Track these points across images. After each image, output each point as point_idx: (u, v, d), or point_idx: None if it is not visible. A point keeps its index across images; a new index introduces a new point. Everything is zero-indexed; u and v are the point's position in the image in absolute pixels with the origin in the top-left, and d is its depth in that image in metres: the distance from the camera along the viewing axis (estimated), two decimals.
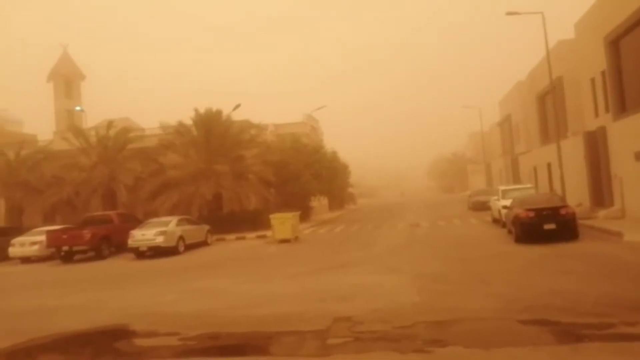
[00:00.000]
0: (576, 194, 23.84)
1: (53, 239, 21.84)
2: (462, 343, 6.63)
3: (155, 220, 22.75)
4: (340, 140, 69.73)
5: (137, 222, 23.30)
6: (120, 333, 8.73)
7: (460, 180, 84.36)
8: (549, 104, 32.22)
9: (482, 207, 31.19)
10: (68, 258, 21.63)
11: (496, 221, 22.74)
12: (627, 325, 6.79)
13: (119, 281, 14.93)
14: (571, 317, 7.33)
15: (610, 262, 11.58)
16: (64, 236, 21.74)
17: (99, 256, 21.59)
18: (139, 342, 8.21)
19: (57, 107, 48.22)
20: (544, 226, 15.35)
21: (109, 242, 22.21)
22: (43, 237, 22.39)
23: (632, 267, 10.72)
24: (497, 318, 7.71)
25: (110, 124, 30.48)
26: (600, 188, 22.24)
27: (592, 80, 25.53)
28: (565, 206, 16.08)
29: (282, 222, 22.56)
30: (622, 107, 21.79)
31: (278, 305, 9.68)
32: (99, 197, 28.99)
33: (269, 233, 23.84)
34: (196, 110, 29.42)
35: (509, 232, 17.66)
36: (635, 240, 14.04)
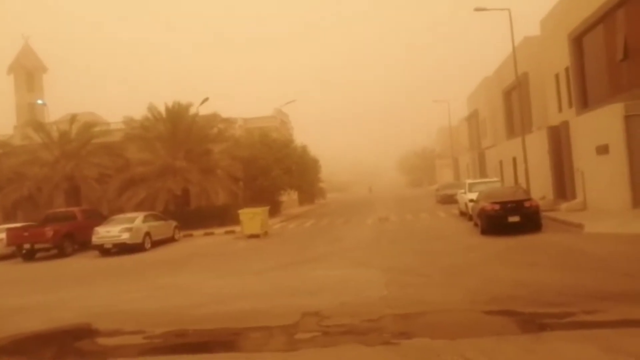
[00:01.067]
0: (540, 187, 24.41)
1: (14, 237, 21.16)
2: (429, 334, 6.71)
3: (120, 216, 22.28)
4: (311, 135, 69.54)
5: (102, 219, 22.77)
6: (84, 332, 8.54)
7: (429, 175, 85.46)
8: (514, 99, 32.88)
9: (449, 200, 31.64)
10: (29, 256, 20.99)
11: (463, 214, 23.09)
12: (587, 313, 6.99)
13: (82, 279, 14.57)
14: (534, 307, 7.48)
15: (572, 253, 11.87)
16: (25, 234, 21.09)
17: (62, 254, 21.02)
18: (103, 341, 8.05)
19: (18, 101, 46.60)
20: (509, 219, 15.67)
21: (72, 240, 21.64)
22: (3, 235, 21.67)
23: (592, 257, 11.01)
24: (463, 309, 7.83)
25: (73, 118, 29.66)
26: (563, 181, 22.81)
27: (557, 76, 26.16)
28: (529, 199, 16.43)
29: (251, 217, 22.40)
30: (584, 102, 22.39)
31: (246, 301, 9.59)
32: (62, 193, 28.23)
33: (237, 228, 23.65)
34: (164, 104, 28.91)
35: (475, 224, 17.95)
36: (595, 231, 14.45)
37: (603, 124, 18.78)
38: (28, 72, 47.20)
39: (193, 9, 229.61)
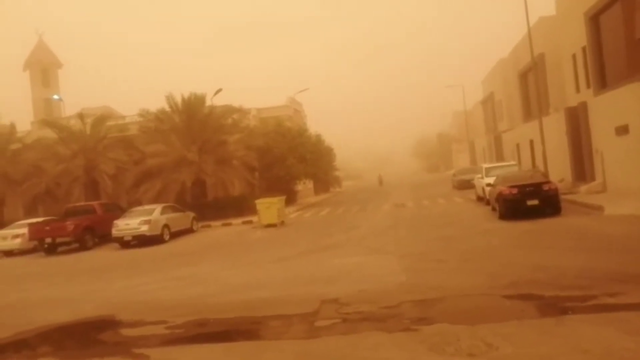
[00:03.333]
0: (558, 170, 24.10)
1: (35, 232, 21.55)
2: (448, 320, 6.70)
3: (138, 208, 22.55)
4: (324, 123, 69.41)
5: (120, 212, 23.08)
6: (107, 323, 8.68)
7: (445, 160, 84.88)
8: (531, 81, 32.39)
9: (466, 185, 31.41)
10: (51, 250, 21.38)
11: (480, 199, 22.92)
12: (608, 296, 6.91)
13: (103, 272, 14.80)
14: (554, 291, 7.42)
15: (592, 235, 11.74)
16: (47, 228, 21.46)
17: (83, 247, 21.38)
18: (126, 331, 8.17)
19: (34, 96, 47.26)
20: (527, 202, 15.51)
21: (92, 233, 21.98)
22: (25, 230, 22.08)
23: (613, 240, 10.87)
24: (482, 294, 7.80)
25: (88, 113, 29.95)
26: (582, 163, 22.48)
27: (573, 56, 25.65)
28: (547, 182, 16.23)
29: (268, 207, 22.51)
30: (602, 82, 21.94)
31: (265, 290, 9.67)
32: (81, 187, 28.61)
33: (254, 218, 23.79)
34: (180, 96, 29.04)
35: (493, 209, 17.82)
36: (615, 213, 14.25)
37: (622, 104, 18.42)
38: (43, 68, 47.76)
39: (200, 2, 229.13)
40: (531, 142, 29.49)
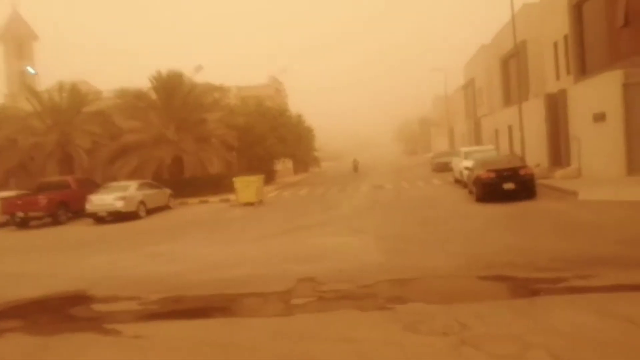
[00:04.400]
0: (535, 155, 24.41)
1: (7, 206, 21.09)
2: (424, 299, 6.75)
3: (114, 184, 22.18)
4: (305, 103, 68.93)
5: (95, 187, 22.66)
6: (79, 299, 8.55)
7: (424, 143, 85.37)
8: (512, 67, 32.59)
9: (444, 168, 31.66)
10: (23, 225, 20.96)
11: (458, 182, 23.12)
12: (580, 278, 7.03)
13: (77, 247, 14.57)
14: (529, 273, 7.52)
15: (565, 220, 11.93)
16: (19, 202, 21.00)
17: (56, 222, 20.99)
18: (99, 307, 8.06)
19: (7, 69, 45.91)
20: (504, 186, 15.70)
21: (66, 208, 21.57)
22: None
23: (585, 224, 11.06)
24: (458, 275, 7.87)
25: (62, 86, 29.16)
26: (559, 149, 22.80)
27: (555, 44, 25.85)
28: (524, 167, 16.43)
29: (246, 186, 22.36)
30: (582, 69, 22.18)
31: (242, 268, 9.61)
32: (55, 161, 27.98)
33: (232, 197, 23.62)
34: (157, 72, 28.46)
35: (470, 192, 17.98)
36: (588, 199, 14.50)
37: (601, 92, 18.65)
38: (18, 40, 46.31)
39: None
40: (510, 127, 29.77)
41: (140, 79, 28.60)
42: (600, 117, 18.64)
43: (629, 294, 6.22)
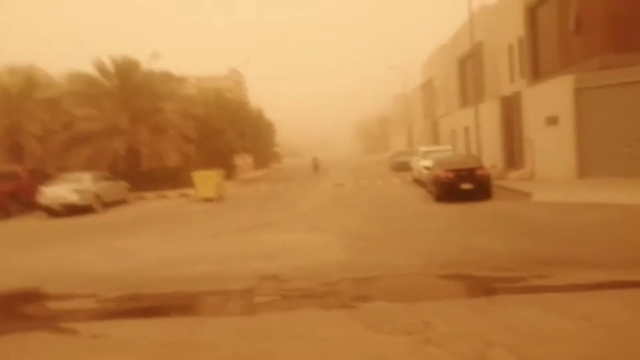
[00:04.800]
0: (491, 156, 25.06)
1: None
2: (386, 298, 6.82)
3: (68, 176, 21.42)
4: (265, 96, 68.45)
5: (47, 178, 21.84)
6: (32, 296, 8.24)
7: (383, 142, 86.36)
8: (469, 68, 33.34)
9: (403, 167, 32.11)
10: None
11: (417, 181, 23.50)
12: (537, 278, 7.27)
13: (28, 241, 14.02)
14: (487, 272, 7.73)
15: (521, 220, 12.30)
16: None
17: (6, 215, 20.12)
18: (53, 304, 7.79)
19: None
20: (462, 186, 16.08)
21: (16, 200, 20.70)
22: None
23: (540, 225, 11.44)
24: (418, 273, 8.00)
25: (13, 69, 27.91)
26: (513, 151, 23.48)
27: (510, 46, 26.60)
28: (481, 167, 16.86)
29: (205, 180, 22.03)
30: (536, 73, 22.90)
31: (202, 265, 9.48)
32: (4, 150, 26.80)
33: (191, 191, 23.25)
34: (112, 59, 27.62)
35: (429, 191, 18.31)
36: (542, 200, 15.01)
37: (553, 96, 19.31)
38: None
39: None
40: (466, 128, 30.46)
41: (92, 65, 27.45)
42: (552, 121, 19.31)
43: (584, 293, 6.48)
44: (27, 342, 6.03)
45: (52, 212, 19.58)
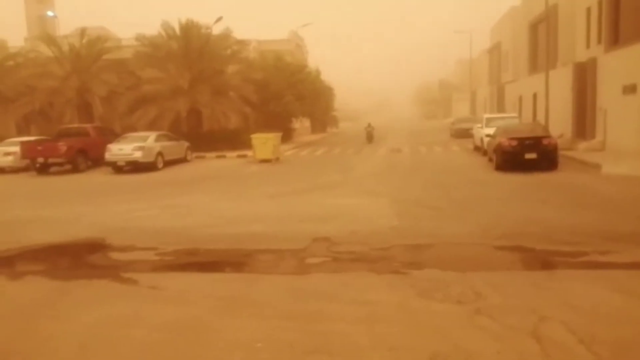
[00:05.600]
0: (559, 125, 23.88)
1: (28, 150, 21.32)
2: (438, 266, 6.71)
3: (133, 134, 22.26)
4: (326, 61, 67.83)
5: (114, 136, 22.77)
6: (97, 246, 8.68)
7: (444, 108, 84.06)
8: (541, 32, 31.49)
9: (464, 134, 31.19)
10: (43, 170, 21.24)
11: (477, 149, 22.80)
12: (600, 254, 6.92)
13: (96, 195, 14.74)
14: (547, 245, 7.42)
15: (587, 193, 11.72)
16: (39, 148, 21.20)
17: (76, 169, 21.24)
18: (116, 255, 8.18)
19: (28, 13, 45.62)
20: (525, 155, 15.42)
21: (85, 156, 21.76)
22: (17, 148, 21.84)
23: (608, 198, 10.86)
24: (474, 243, 7.80)
25: (83, 32, 28.95)
26: (584, 120, 22.26)
27: (588, 10, 24.83)
28: (547, 136, 16.07)
29: (264, 142, 22.30)
30: (615, 39, 21.34)
31: (257, 224, 9.65)
32: (74, 108, 28.08)
33: (249, 153, 23.62)
34: (177, 21, 28.06)
35: (490, 160, 17.72)
36: (612, 172, 14.21)
37: (633, 63, 18.00)
38: None
39: None
40: (534, 95, 29.06)
41: (158, 27, 28.00)
42: (630, 90, 18.05)
43: None
44: (91, 288, 6.39)
45: (118, 168, 20.48)
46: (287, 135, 32.83)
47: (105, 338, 4.88)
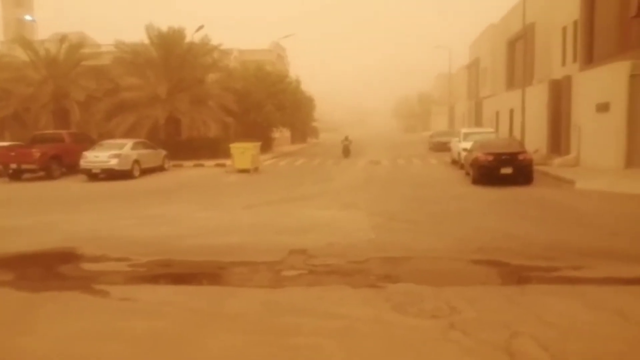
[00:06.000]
0: (535, 141, 24.30)
1: (0, 156, 20.85)
2: (414, 280, 6.71)
3: (109, 142, 21.97)
4: (308, 72, 68.01)
5: (90, 143, 22.44)
6: (68, 256, 8.49)
7: (423, 121, 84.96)
8: (518, 50, 32.20)
9: (442, 147, 31.52)
10: (16, 177, 20.81)
11: (455, 162, 23.04)
12: (573, 269, 7.00)
13: (69, 203, 14.47)
14: (521, 260, 7.49)
15: (561, 208, 11.89)
16: (12, 154, 20.79)
17: (49, 176, 20.84)
18: (88, 266, 8.01)
19: (5, 15, 44.98)
20: (501, 170, 15.63)
21: (59, 162, 21.38)
22: None
23: (581, 214, 11.04)
24: (450, 257, 7.83)
25: (63, 38, 28.57)
26: (559, 136, 22.68)
27: (564, 29, 25.45)
28: (523, 152, 16.33)
29: (242, 152, 22.20)
30: (589, 57, 21.88)
31: (233, 236, 9.56)
32: (50, 114, 27.61)
33: (228, 162, 23.49)
34: (157, 29, 27.87)
35: (467, 174, 17.92)
36: (586, 188, 14.47)
37: (607, 81, 18.44)
38: None
39: None
40: (511, 110, 29.56)
41: (139, 34, 27.86)
42: (603, 108, 18.48)
43: (621, 287, 6.21)
44: (61, 300, 6.22)
45: (93, 175, 20.15)
46: (267, 145, 32.78)
47: (75, 353, 4.74)
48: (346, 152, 30.64)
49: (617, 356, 4.29)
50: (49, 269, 8.12)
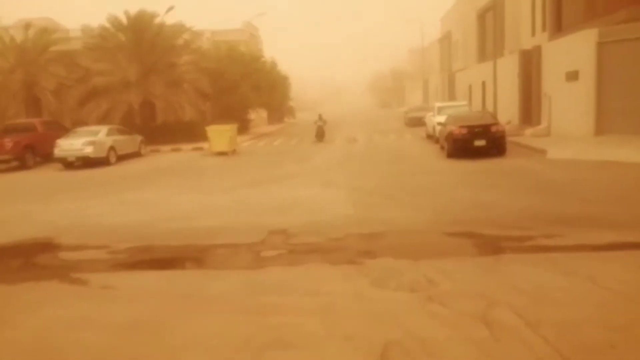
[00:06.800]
0: (507, 112, 24.61)
1: None
2: (392, 254, 6.84)
3: (83, 129, 21.56)
4: (281, 51, 67.27)
5: (64, 131, 22.01)
6: (45, 246, 8.42)
7: (398, 96, 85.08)
8: (489, 21, 32.30)
9: (417, 123, 31.65)
10: None
11: (430, 137, 23.24)
12: (546, 237, 7.21)
13: (45, 193, 14.24)
14: (496, 230, 7.69)
15: (534, 177, 12.15)
16: None
17: (23, 166, 20.42)
18: (65, 255, 7.96)
19: None
20: (475, 143, 15.86)
21: (33, 152, 20.95)
22: None
23: (553, 183, 11.30)
24: (426, 230, 7.99)
25: (27, 24, 27.69)
26: (530, 107, 23.01)
27: None
28: (496, 124, 16.55)
29: (219, 134, 22.03)
30: (558, 27, 22.10)
31: (213, 218, 9.57)
32: (20, 103, 26.91)
33: (205, 145, 23.30)
34: (126, 12, 27.21)
35: (442, 147, 18.12)
36: (557, 157, 14.79)
37: (575, 50, 18.71)
38: None
39: None
40: (483, 83, 29.81)
41: (107, 19, 27.06)
42: (572, 76, 18.78)
43: (592, 253, 6.42)
44: (39, 290, 6.20)
45: (68, 163, 19.82)
46: (244, 127, 32.55)
47: (53, 343, 4.75)
48: (320, 134, 26.39)
49: (588, 320, 4.48)
50: (26, 259, 8.05)
